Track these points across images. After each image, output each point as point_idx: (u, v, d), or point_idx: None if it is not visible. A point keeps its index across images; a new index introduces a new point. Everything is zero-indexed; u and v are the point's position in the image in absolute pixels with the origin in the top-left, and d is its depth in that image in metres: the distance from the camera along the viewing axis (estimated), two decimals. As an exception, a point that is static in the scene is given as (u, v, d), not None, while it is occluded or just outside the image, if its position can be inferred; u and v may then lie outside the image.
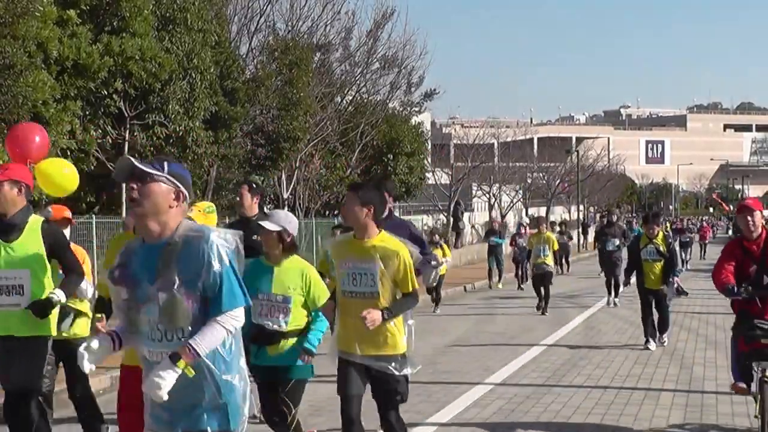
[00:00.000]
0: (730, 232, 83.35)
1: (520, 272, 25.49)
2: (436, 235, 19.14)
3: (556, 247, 19.76)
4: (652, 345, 13.11)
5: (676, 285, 13.85)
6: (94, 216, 18.35)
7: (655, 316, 13.51)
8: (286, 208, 27.56)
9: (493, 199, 57.40)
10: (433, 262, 17.22)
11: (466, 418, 8.69)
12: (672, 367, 11.57)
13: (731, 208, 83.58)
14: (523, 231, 25.65)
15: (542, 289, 18.42)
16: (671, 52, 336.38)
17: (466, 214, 48.27)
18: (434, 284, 18.32)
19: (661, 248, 13.10)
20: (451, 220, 42.43)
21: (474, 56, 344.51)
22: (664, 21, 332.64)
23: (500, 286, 25.73)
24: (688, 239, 35.03)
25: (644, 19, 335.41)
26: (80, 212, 19.79)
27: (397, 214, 45.13)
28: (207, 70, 20.79)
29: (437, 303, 19.21)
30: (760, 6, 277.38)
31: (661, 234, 13.32)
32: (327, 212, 31.88)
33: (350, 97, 32.93)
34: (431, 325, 16.99)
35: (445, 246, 19.36)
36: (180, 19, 20.65)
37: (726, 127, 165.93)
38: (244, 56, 26.71)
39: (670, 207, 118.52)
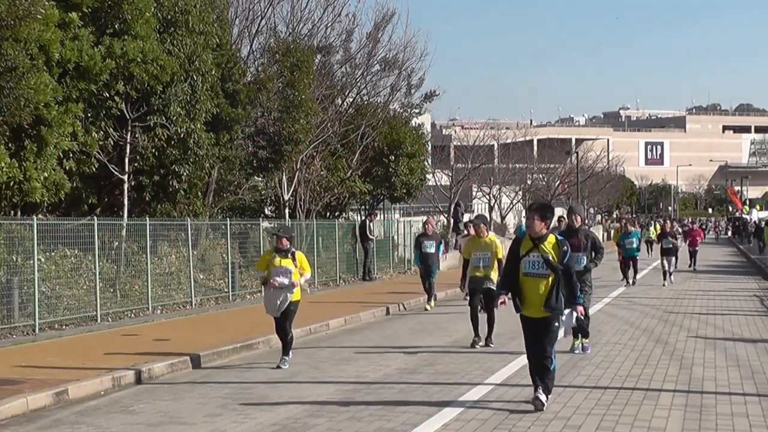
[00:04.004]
0: (730, 233, 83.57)
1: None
2: (284, 240, 12.45)
3: (501, 254, 13.50)
4: (543, 396, 9.07)
5: (576, 317, 9.34)
6: (96, 218, 18.40)
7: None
8: (287, 210, 27.61)
9: (493, 201, 57.47)
10: (281, 280, 11.90)
11: (467, 418, 8.74)
12: (671, 368, 11.63)
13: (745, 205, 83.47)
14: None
15: (479, 315, 13.90)
16: (670, 53, 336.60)
17: (466, 216, 48.24)
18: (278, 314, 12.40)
19: (551, 258, 8.98)
20: (452, 221, 42.46)
21: (474, 58, 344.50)
22: (663, 22, 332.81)
23: (431, 305, 20.08)
24: (670, 245, 27.56)
25: (643, 20, 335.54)
26: (82, 214, 19.86)
27: (398, 215, 44.49)
28: (208, 72, 20.85)
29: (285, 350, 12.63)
30: (759, 7, 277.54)
31: (552, 238, 9.15)
32: (328, 214, 31.91)
33: (351, 99, 32.98)
34: (431, 326, 17.04)
35: (300, 257, 12.55)
36: (181, 21, 20.71)
37: (725, 128, 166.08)
38: (245, 58, 26.77)
39: (670, 208, 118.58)
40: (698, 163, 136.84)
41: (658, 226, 39.76)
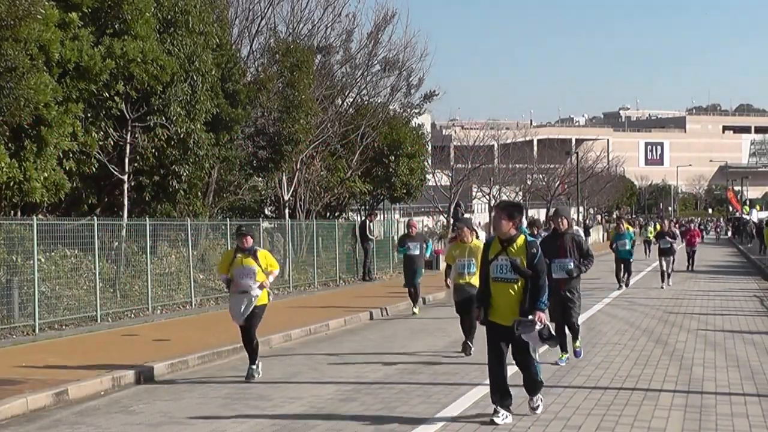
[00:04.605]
0: (730, 233, 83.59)
1: None
2: (248, 238, 11.63)
3: None
4: (500, 417, 8.42)
5: (540, 325, 8.34)
6: (96, 218, 18.40)
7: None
8: (287, 210, 27.60)
9: (493, 201, 57.44)
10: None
11: (467, 418, 8.74)
12: (671, 368, 11.63)
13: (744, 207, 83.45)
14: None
15: (469, 321, 12.93)
16: (670, 53, 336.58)
17: (466, 216, 48.20)
18: (243, 321, 11.48)
19: (520, 262, 8.36)
20: (451, 221, 42.47)
21: (474, 58, 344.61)
22: (664, 23, 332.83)
23: (416, 310, 19.17)
24: (668, 245, 26.03)
25: (643, 21, 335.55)
26: (82, 214, 19.86)
27: (398, 216, 44.41)
28: (208, 72, 20.84)
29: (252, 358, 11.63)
30: (759, 6, 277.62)
31: (521, 239, 8.48)
32: (328, 214, 31.92)
33: (351, 99, 32.99)
34: (431, 327, 17.04)
35: (265, 255, 11.73)
36: (181, 21, 20.71)
37: (725, 128, 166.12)
38: (245, 59, 26.77)
39: (670, 208, 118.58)
40: (698, 163, 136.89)
41: (658, 226, 39.39)
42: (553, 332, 8.64)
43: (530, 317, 8.30)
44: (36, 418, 9.43)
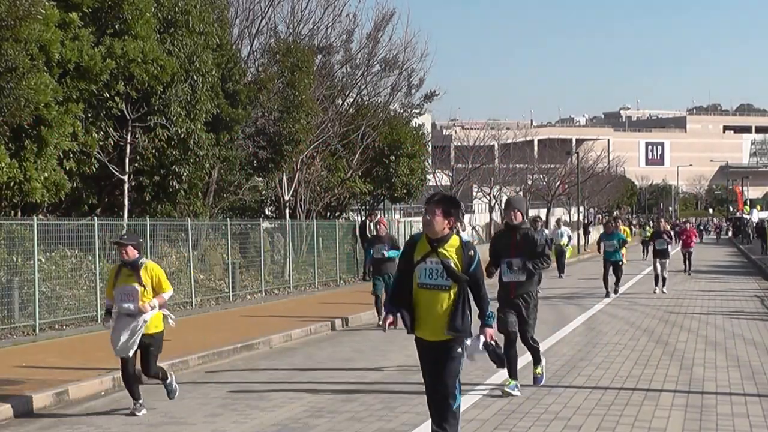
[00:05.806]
0: (731, 233, 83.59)
1: None
2: (129, 249, 9.37)
3: None
4: None
5: (484, 342, 7.00)
6: (96, 218, 18.39)
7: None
8: (287, 210, 27.60)
9: (493, 201, 57.46)
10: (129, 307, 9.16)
11: (467, 418, 8.72)
12: (672, 368, 11.62)
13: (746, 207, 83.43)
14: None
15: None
16: (670, 53, 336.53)
17: (466, 216, 48.24)
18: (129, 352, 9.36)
19: (454, 264, 6.83)
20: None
21: (474, 58, 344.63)
22: (664, 23, 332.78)
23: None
24: (664, 246, 24.25)
25: (643, 21, 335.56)
26: (82, 214, 19.86)
27: (398, 216, 44.44)
28: (209, 72, 20.83)
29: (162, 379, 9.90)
30: (759, 6, 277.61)
31: (456, 239, 6.94)
32: (328, 214, 31.91)
33: (351, 99, 32.97)
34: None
35: (154, 271, 9.44)
36: (182, 21, 20.70)
37: (725, 128, 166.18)
38: (245, 59, 26.75)
39: (670, 208, 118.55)
40: (699, 163, 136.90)
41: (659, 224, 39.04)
42: (500, 349, 7.23)
43: (480, 336, 6.99)
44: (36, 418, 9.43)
